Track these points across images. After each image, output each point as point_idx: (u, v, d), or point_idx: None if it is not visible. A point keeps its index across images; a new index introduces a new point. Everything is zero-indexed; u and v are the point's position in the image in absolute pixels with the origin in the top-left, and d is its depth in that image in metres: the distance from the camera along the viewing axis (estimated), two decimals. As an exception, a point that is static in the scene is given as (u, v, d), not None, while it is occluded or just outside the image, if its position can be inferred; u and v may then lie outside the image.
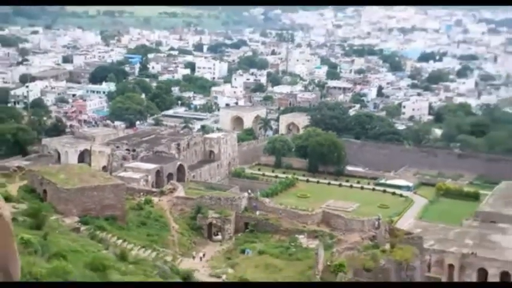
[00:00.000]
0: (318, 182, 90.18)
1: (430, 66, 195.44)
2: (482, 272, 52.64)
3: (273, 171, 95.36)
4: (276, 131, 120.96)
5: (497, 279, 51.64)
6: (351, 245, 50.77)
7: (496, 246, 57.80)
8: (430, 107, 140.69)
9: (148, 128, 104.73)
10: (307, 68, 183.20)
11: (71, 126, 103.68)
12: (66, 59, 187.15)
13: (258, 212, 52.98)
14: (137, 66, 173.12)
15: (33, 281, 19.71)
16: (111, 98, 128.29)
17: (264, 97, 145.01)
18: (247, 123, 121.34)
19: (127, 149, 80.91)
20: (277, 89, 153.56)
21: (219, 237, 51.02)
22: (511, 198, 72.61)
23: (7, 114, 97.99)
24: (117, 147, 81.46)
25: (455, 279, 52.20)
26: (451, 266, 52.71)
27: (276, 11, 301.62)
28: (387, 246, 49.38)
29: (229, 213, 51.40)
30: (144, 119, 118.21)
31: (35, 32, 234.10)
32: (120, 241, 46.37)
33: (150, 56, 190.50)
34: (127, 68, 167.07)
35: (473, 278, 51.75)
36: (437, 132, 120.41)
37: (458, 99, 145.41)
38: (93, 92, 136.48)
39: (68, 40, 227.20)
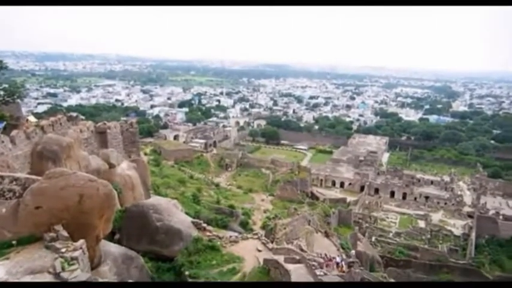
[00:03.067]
0: (269, 147, 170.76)
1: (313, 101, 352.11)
2: (333, 181, 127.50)
3: (252, 141, 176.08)
4: (253, 127, 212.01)
5: (339, 184, 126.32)
6: (282, 172, 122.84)
7: (338, 172, 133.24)
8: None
9: (201, 126, 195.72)
10: (265, 102, 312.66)
11: (170, 125, 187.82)
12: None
13: (246, 159, 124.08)
14: (197, 100, 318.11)
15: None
16: (186, 114, 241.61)
17: (247, 114, 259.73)
18: (241, 123, 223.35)
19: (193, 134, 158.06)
20: (253, 110, 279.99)
21: (230, 169, 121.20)
22: (344, 154, 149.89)
23: (146, 120, 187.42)
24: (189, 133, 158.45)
25: (323, 185, 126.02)
26: (321, 180, 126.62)
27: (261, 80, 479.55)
28: (297, 172, 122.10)
29: (233, 160, 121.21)
30: (200, 122, 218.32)
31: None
32: (189, 170, 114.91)
33: (203, 96, 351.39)
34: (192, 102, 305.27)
35: (329, 184, 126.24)
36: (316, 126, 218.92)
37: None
38: (180, 111, 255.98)
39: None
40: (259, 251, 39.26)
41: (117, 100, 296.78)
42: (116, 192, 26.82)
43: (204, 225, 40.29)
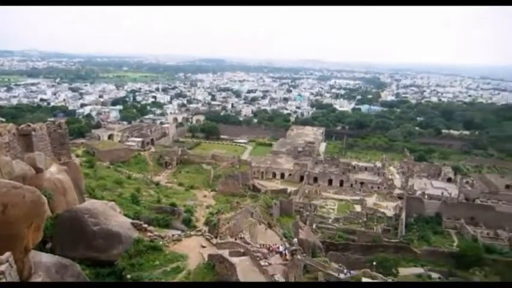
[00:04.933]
0: (209, 142, 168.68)
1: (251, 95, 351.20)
2: (273, 173, 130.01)
3: (191, 137, 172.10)
4: (191, 123, 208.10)
5: (279, 176, 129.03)
6: (224, 167, 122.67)
7: (278, 163, 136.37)
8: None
9: (137, 124, 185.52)
10: (203, 97, 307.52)
11: (103, 124, 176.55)
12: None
13: (186, 156, 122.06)
14: (131, 97, 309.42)
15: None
16: (120, 112, 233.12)
17: (185, 109, 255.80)
18: (179, 120, 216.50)
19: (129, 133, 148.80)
20: (191, 106, 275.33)
21: (170, 167, 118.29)
22: (283, 146, 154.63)
23: (76, 120, 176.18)
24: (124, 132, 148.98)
25: (264, 177, 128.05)
26: (262, 172, 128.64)
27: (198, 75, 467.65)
28: (238, 166, 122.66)
29: (172, 157, 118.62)
30: (135, 120, 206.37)
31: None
32: (127, 171, 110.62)
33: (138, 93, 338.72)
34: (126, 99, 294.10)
35: (270, 175, 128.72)
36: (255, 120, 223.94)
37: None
38: (113, 110, 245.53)
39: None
40: (204, 247, 38.98)
41: (42, 100, 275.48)
42: (46, 198, 24.96)
43: (145, 225, 39.06)
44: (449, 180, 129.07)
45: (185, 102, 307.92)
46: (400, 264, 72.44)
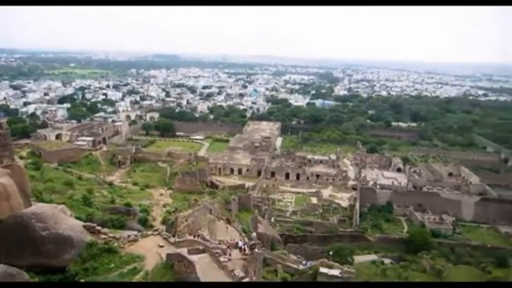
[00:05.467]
0: (164, 140, 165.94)
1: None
2: (231, 169, 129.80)
3: (145, 135, 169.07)
4: (145, 120, 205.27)
5: (237, 171, 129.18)
6: (180, 164, 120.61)
7: (235, 159, 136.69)
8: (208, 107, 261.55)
9: (87, 122, 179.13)
10: (156, 93, 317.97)
11: (50, 124, 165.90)
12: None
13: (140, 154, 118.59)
14: (80, 95, 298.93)
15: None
16: (68, 110, 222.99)
17: (138, 107, 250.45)
18: (132, 117, 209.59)
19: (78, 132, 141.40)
20: (144, 103, 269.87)
21: (124, 166, 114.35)
22: (240, 141, 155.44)
23: (19, 120, 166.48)
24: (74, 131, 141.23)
25: (222, 173, 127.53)
26: (220, 168, 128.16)
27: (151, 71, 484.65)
28: (195, 163, 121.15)
29: (126, 156, 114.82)
30: (85, 119, 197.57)
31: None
32: (77, 171, 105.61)
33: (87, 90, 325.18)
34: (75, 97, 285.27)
35: (227, 171, 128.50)
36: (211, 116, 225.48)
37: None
38: (60, 108, 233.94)
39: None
40: (161, 246, 38.15)
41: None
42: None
43: (98, 228, 37.58)
44: (399, 170, 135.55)
45: (138, 99, 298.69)
46: (355, 253, 75.25)
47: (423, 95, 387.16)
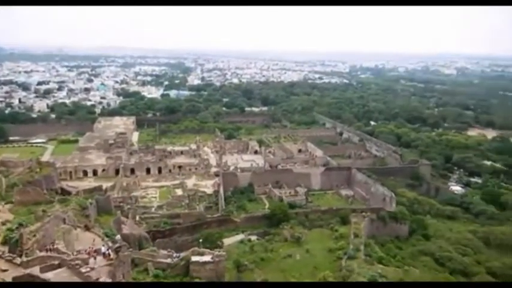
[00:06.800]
0: None
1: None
2: (84, 171, 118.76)
3: None
4: None
5: (91, 173, 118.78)
6: (19, 173, 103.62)
7: (88, 160, 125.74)
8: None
9: None
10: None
11: None
12: None
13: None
14: None
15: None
16: None
17: None
18: None
19: None
20: None
21: None
22: (91, 140, 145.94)
23: None
24: None
25: (73, 177, 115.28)
26: (71, 172, 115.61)
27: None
28: (38, 169, 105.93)
29: None
30: None
31: None
32: None
33: None
34: None
35: (80, 174, 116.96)
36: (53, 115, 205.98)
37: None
38: None
39: None
40: (5, 270, 32.42)
41: None
42: None
43: None
44: (256, 152, 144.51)
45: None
46: (224, 236, 77.66)
47: (270, 80, 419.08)
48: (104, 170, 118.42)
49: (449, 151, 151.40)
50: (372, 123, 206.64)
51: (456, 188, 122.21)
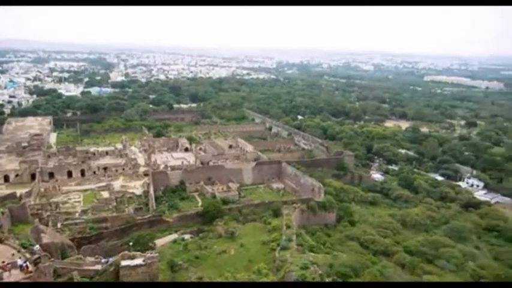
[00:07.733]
0: None
1: None
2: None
3: None
4: None
5: (2, 179, 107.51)
6: None
7: None
8: None
9: None
10: None
11: None
12: None
13: None
14: None
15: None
16: None
17: None
18: None
19: None
20: None
21: None
22: (1, 143, 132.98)
23: None
24: None
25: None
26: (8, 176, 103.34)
27: None
28: None
29: None
30: None
31: None
32: None
33: None
34: None
35: (1, 179, 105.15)
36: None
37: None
38: None
39: None
40: None
41: None
42: None
43: None
44: (186, 149, 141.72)
45: None
46: (156, 237, 75.22)
47: (198, 76, 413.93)
48: (17, 176, 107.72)
49: (370, 142, 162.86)
50: (300, 117, 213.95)
51: (377, 176, 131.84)
